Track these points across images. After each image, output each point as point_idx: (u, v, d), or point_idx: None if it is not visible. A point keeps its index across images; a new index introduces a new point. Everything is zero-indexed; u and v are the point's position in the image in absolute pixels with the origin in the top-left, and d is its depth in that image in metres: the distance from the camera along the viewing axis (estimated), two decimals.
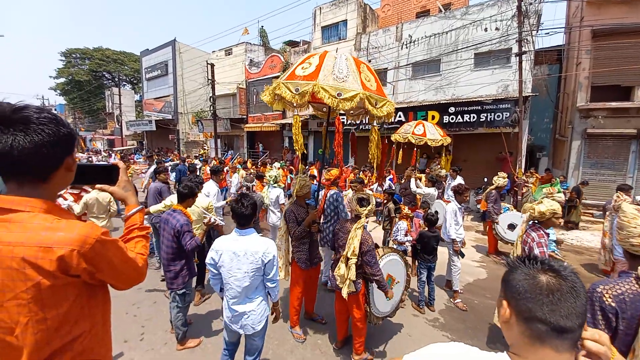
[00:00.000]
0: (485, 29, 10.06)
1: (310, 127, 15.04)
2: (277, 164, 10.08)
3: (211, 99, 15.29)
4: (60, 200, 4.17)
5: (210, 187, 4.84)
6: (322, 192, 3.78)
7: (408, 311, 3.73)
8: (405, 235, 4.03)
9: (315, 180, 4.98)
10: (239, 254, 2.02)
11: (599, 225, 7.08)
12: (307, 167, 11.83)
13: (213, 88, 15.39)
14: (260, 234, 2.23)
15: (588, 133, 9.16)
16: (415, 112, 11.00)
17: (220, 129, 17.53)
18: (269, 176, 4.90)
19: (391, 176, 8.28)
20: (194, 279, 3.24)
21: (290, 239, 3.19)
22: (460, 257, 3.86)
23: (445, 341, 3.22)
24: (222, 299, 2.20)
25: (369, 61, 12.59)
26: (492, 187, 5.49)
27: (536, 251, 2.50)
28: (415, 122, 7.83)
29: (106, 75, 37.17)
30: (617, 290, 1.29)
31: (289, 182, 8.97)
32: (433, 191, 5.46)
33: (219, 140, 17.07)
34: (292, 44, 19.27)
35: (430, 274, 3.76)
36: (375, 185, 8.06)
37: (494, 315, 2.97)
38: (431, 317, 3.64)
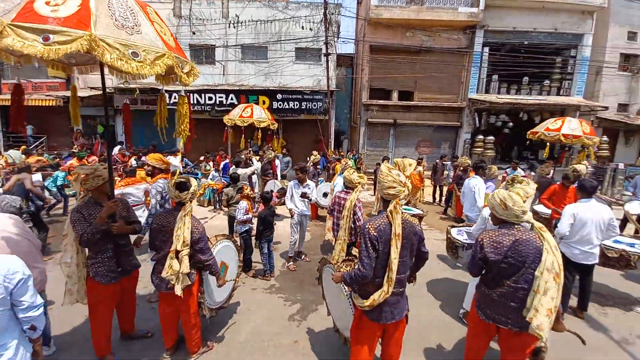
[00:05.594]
0: (302, 27, 11.52)
1: (116, 103, 11.96)
2: (12, 152, 7.08)
3: None
4: None
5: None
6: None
7: (247, 288, 3.93)
8: (246, 213, 4.17)
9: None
10: None
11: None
12: (119, 151, 9.53)
13: None
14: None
15: (368, 122, 12.85)
16: (247, 95, 11.24)
17: None
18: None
19: (227, 161, 8.23)
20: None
21: (82, 249, 2.45)
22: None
23: (282, 302, 3.70)
24: None
25: (193, 33, 11.40)
26: (309, 163, 6.75)
27: (359, 214, 3.47)
28: (244, 105, 8.04)
29: None
30: (376, 223, 1.92)
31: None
32: (249, 171, 6.41)
33: None
34: None
35: (270, 245, 4.24)
36: (213, 172, 7.78)
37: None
38: (268, 286, 4.06)
